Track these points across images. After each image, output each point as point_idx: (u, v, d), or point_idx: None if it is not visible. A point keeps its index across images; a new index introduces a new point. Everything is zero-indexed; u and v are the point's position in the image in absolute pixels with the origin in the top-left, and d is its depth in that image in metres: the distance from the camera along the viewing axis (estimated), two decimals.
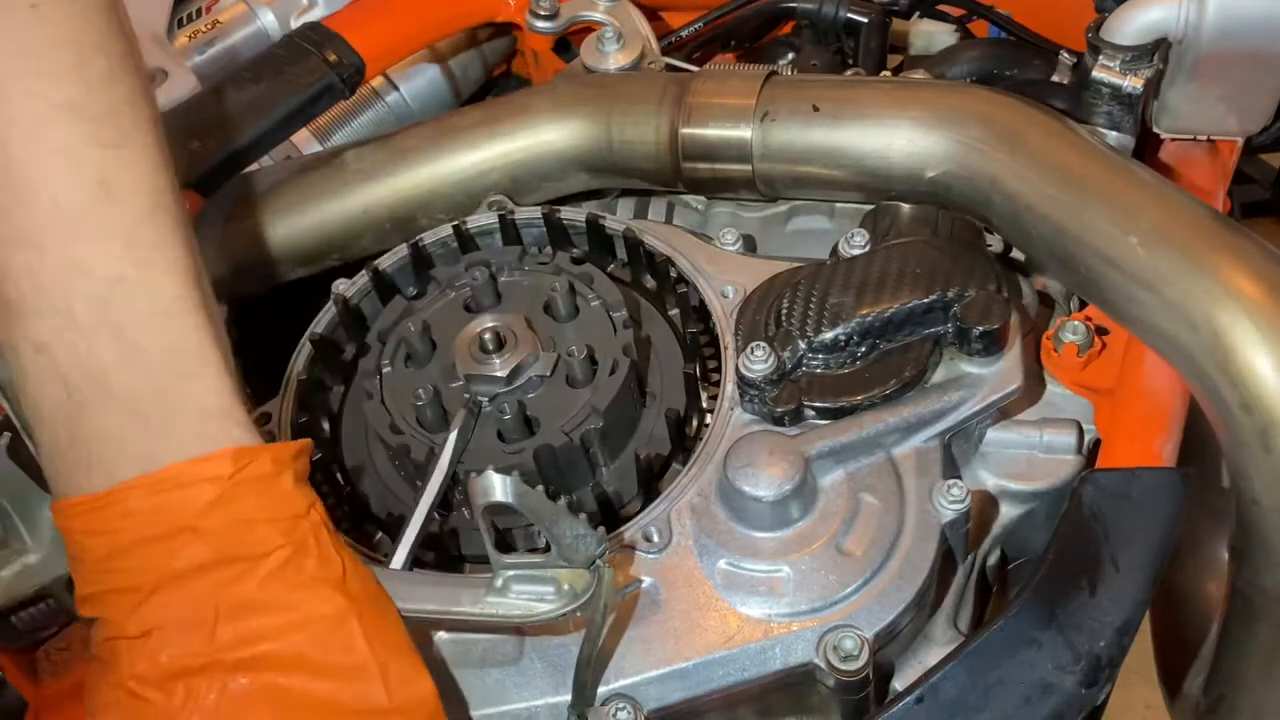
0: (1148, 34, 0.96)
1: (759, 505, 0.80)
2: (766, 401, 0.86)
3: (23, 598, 0.84)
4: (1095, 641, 0.76)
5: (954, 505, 0.82)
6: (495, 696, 0.78)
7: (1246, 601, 0.86)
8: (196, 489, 0.66)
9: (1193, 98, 0.99)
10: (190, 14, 1.27)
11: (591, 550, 0.75)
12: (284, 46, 1.12)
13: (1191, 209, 0.83)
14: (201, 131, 1.04)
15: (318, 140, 1.27)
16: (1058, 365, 0.91)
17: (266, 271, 1.07)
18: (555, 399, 0.87)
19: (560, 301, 0.91)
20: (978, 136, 0.91)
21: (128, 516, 0.65)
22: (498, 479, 0.70)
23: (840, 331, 0.87)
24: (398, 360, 0.91)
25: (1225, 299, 0.77)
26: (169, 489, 0.66)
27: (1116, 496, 0.81)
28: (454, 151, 1.06)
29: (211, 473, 0.66)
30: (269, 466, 0.68)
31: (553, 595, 0.76)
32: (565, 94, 1.07)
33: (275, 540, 0.67)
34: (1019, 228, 0.89)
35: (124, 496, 0.65)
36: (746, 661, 0.78)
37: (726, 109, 1.00)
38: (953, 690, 0.76)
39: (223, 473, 0.66)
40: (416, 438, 0.86)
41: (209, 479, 0.66)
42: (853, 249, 0.93)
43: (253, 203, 1.07)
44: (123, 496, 0.65)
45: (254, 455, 0.68)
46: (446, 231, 1.00)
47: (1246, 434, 0.77)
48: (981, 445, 0.89)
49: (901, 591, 0.79)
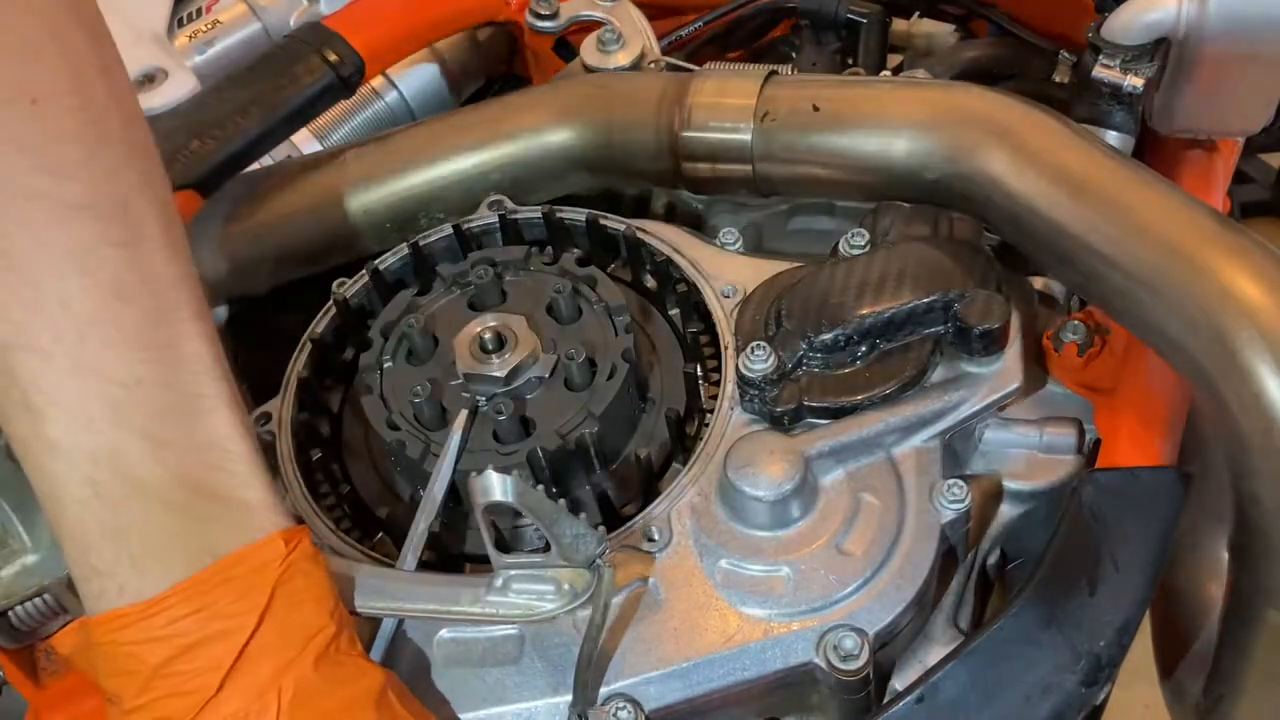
0: (1148, 34, 0.95)
1: (759, 505, 0.80)
2: (766, 401, 0.86)
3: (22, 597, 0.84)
4: (1095, 641, 0.76)
5: (954, 505, 0.82)
6: (495, 696, 0.78)
7: (1246, 601, 0.86)
8: (244, 581, 0.66)
9: (1193, 97, 0.99)
10: (190, 14, 1.27)
11: (591, 550, 0.75)
12: (284, 46, 1.12)
13: (1192, 209, 0.83)
14: (201, 131, 1.03)
15: (318, 140, 1.27)
16: (1058, 365, 0.91)
17: (266, 271, 1.07)
18: (553, 401, 0.86)
19: (563, 303, 0.91)
20: (978, 136, 0.91)
21: (182, 619, 0.64)
22: (497, 479, 0.70)
23: (840, 331, 0.87)
24: (399, 356, 0.91)
25: (1225, 299, 0.77)
26: (217, 585, 0.65)
27: (1116, 496, 0.81)
28: (454, 151, 1.06)
29: (258, 561, 0.67)
30: (310, 549, 0.69)
31: (553, 595, 0.76)
32: (565, 94, 1.07)
33: (323, 620, 0.68)
34: (1019, 228, 0.89)
35: (175, 600, 0.65)
36: (746, 661, 0.78)
37: (726, 109, 1.00)
38: (953, 690, 0.76)
39: (273, 558, 0.67)
40: (413, 434, 0.85)
41: (256, 569, 0.66)
42: (853, 249, 0.93)
43: (253, 203, 1.07)
44: (175, 600, 0.65)
45: (300, 537, 0.69)
46: (447, 231, 1.00)
47: (1246, 434, 0.77)
48: (981, 445, 0.89)
49: (901, 591, 0.79)
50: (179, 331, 0.68)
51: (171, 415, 0.67)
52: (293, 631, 0.67)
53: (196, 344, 0.69)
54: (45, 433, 0.65)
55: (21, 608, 0.84)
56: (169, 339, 0.67)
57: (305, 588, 0.68)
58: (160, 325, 0.67)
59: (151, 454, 0.65)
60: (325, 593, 0.69)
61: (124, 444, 0.65)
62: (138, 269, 0.67)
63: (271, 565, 0.67)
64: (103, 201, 0.66)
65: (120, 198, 0.67)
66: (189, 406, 0.67)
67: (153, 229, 0.68)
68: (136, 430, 0.65)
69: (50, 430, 0.65)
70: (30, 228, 0.64)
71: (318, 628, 0.68)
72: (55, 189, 0.64)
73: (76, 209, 0.65)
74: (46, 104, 0.64)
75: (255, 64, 1.10)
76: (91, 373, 0.65)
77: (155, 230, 0.68)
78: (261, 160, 1.10)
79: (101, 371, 0.65)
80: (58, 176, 0.64)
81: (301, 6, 1.27)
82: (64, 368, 0.64)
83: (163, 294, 0.68)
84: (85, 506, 0.65)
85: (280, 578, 0.66)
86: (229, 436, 0.69)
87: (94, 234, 0.65)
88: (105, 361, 0.65)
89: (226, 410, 0.69)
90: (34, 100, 0.64)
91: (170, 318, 0.68)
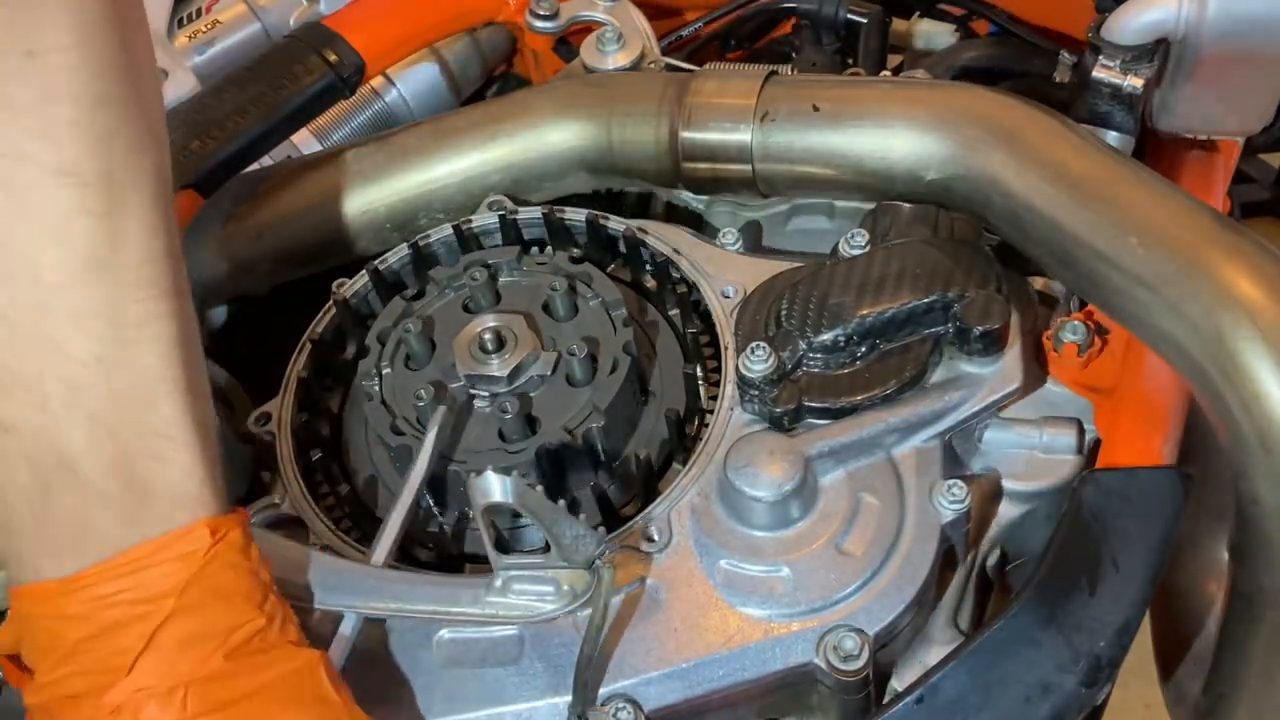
0: (1148, 34, 0.95)
1: (759, 505, 0.80)
2: (766, 401, 0.86)
3: None
4: (1095, 641, 0.76)
5: (954, 505, 0.82)
6: (495, 696, 0.78)
7: (1246, 601, 0.86)
8: (165, 568, 0.65)
9: (1193, 98, 0.99)
10: (190, 14, 1.27)
11: (591, 550, 0.75)
12: (284, 46, 1.12)
13: (1191, 209, 0.83)
14: (201, 131, 1.03)
15: (318, 140, 1.27)
16: (1058, 365, 0.91)
17: (266, 271, 1.07)
18: (556, 398, 0.87)
19: (559, 301, 0.91)
20: (978, 136, 0.91)
21: (99, 600, 0.63)
22: (497, 479, 0.70)
23: (840, 331, 0.87)
24: (397, 361, 0.91)
25: (1225, 299, 0.77)
26: (138, 570, 0.64)
27: (1116, 496, 0.81)
28: (454, 151, 1.06)
29: (182, 550, 0.65)
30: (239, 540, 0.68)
31: (553, 595, 0.76)
32: (565, 94, 1.07)
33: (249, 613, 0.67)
34: (1019, 228, 0.89)
35: (94, 580, 0.64)
36: (746, 661, 0.78)
37: (726, 109, 1.00)
38: (953, 690, 0.76)
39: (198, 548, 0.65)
40: (419, 439, 0.86)
41: (178, 558, 0.65)
42: (853, 249, 0.93)
43: (253, 203, 1.07)
44: (93, 580, 0.64)
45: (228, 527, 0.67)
46: (447, 231, 1.00)
47: (1246, 434, 0.77)
48: (981, 445, 0.89)
49: (901, 591, 0.79)
50: (149, 310, 0.66)
51: (123, 399, 0.65)
52: (212, 621, 0.65)
53: (164, 324, 0.66)
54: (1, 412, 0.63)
55: None
56: (137, 317, 0.65)
57: (231, 579, 0.66)
58: (130, 302, 0.65)
59: (94, 440, 0.64)
60: (252, 586, 0.67)
61: (70, 427, 0.63)
62: (113, 240, 0.64)
63: (196, 554, 0.65)
64: (87, 168, 0.63)
65: (107, 164, 0.63)
66: (143, 391, 0.66)
67: (137, 199, 0.65)
68: (86, 412, 0.64)
69: (5, 406, 0.63)
70: (8, 190, 0.61)
71: (242, 620, 0.66)
72: (40, 151, 0.61)
73: (59, 174, 0.62)
74: (43, 58, 0.61)
75: (255, 64, 1.10)
76: (54, 347, 0.63)
77: (139, 200, 0.65)
78: (261, 160, 1.10)
79: (64, 347, 0.63)
80: (44, 138, 0.61)
81: (301, 6, 1.27)
82: (28, 339, 0.62)
83: (137, 268, 0.65)
84: (21, 493, 0.64)
85: (202, 569, 0.65)
86: (177, 424, 0.67)
87: (73, 201, 0.62)
88: (69, 336, 0.63)
89: (180, 397, 0.67)
90: (29, 52, 0.60)
91: (141, 294, 0.65)
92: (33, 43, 0.60)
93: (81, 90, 0.62)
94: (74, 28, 0.62)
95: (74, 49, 0.62)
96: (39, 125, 0.61)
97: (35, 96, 0.61)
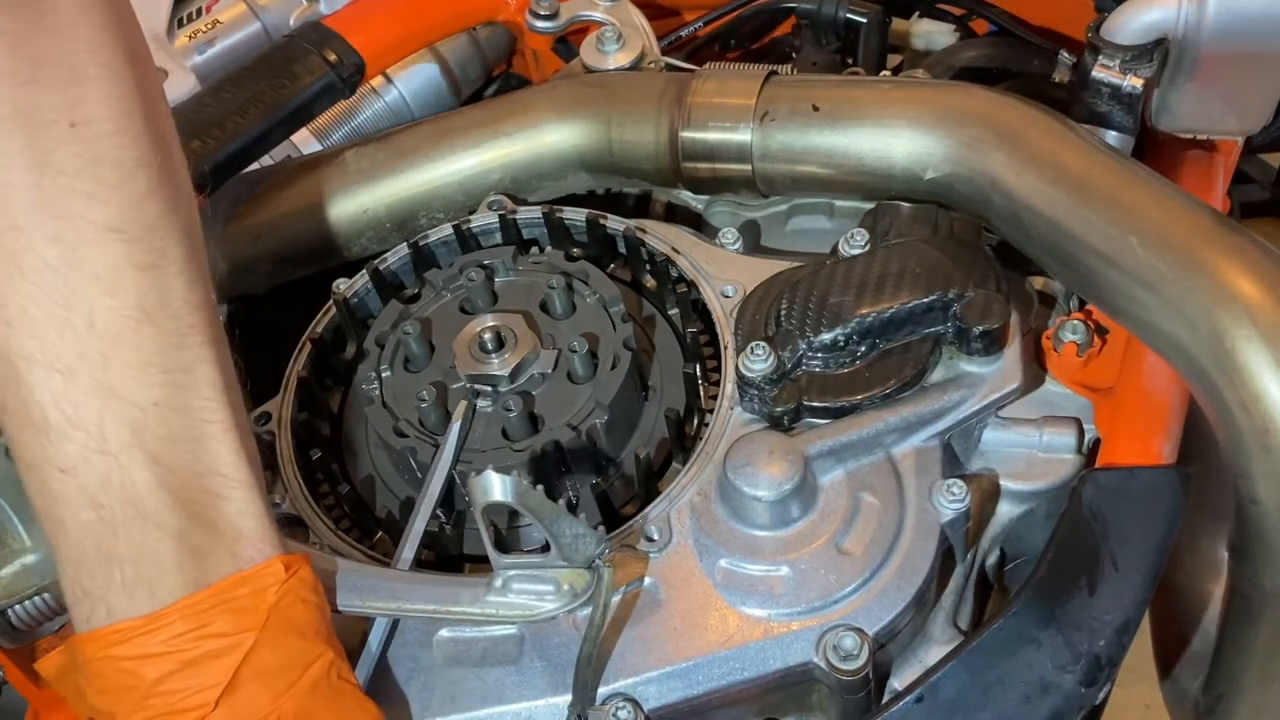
0: (1147, 34, 0.95)
1: (759, 505, 0.80)
2: (766, 401, 0.86)
3: (22, 597, 0.84)
4: (1095, 641, 0.76)
5: (954, 504, 0.82)
6: (495, 696, 0.78)
7: (1246, 601, 0.86)
8: (244, 603, 0.67)
9: (1193, 97, 0.99)
10: (190, 14, 1.27)
11: (591, 550, 0.75)
12: (284, 46, 1.12)
13: (1191, 209, 0.83)
14: (201, 131, 1.03)
15: (318, 140, 1.27)
16: (1058, 365, 0.91)
17: (266, 271, 1.07)
18: (558, 395, 0.87)
19: (557, 299, 0.91)
20: (977, 136, 0.91)
21: (181, 636, 0.65)
22: (497, 479, 0.70)
23: (840, 331, 0.87)
24: (396, 364, 0.91)
25: (1225, 299, 0.77)
26: (217, 605, 0.66)
27: (1116, 496, 0.81)
28: (454, 151, 1.06)
29: (258, 585, 0.67)
30: (309, 577, 0.70)
31: (552, 595, 0.76)
32: (565, 94, 1.07)
33: (320, 647, 0.69)
34: (1019, 228, 0.89)
35: (175, 616, 0.65)
36: (746, 661, 0.78)
37: (726, 109, 1.00)
38: (953, 690, 0.76)
39: (272, 583, 0.68)
40: (422, 440, 0.86)
41: (255, 593, 0.67)
42: (853, 249, 0.93)
43: (253, 203, 1.07)
44: (175, 616, 0.65)
45: (300, 564, 0.70)
46: (447, 231, 1.00)
47: (1246, 434, 0.77)
48: (981, 445, 0.89)
49: (901, 591, 0.79)
50: (195, 355, 0.69)
51: (181, 440, 0.68)
52: (291, 655, 0.67)
53: (210, 369, 0.70)
54: (58, 453, 0.65)
55: (21, 607, 0.84)
56: (185, 363, 0.69)
57: (304, 614, 0.69)
58: (179, 349, 0.68)
59: (157, 480, 0.66)
60: (321, 620, 0.70)
61: (133, 468, 0.66)
62: (160, 292, 0.68)
63: (270, 589, 0.67)
64: (132, 224, 0.67)
65: (148, 221, 0.68)
66: (197, 432, 0.68)
67: (176, 253, 0.69)
68: (147, 455, 0.66)
69: (64, 449, 0.65)
70: (61, 247, 0.65)
71: (316, 654, 0.68)
72: (88, 210, 0.66)
73: (107, 230, 0.66)
74: (85, 127, 0.66)
75: (255, 64, 1.10)
76: (112, 394, 0.66)
77: (179, 254, 0.69)
78: (261, 160, 1.10)
79: (122, 393, 0.66)
80: (91, 198, 0.66)
81: (301, 6, 1.27)
82: (86, 387, 0.65)
83: (182, 317, 0.69)
84: (86, 529, 0.66)
85: (278, 602, 0.67)
86: (232, 464, 0.69)
87: (121, 256, 0.67)
88: (126, 383, 0.66)
89: (232, 436, 0.70)
90: (73, 124, 0.65)
91: (188, 341, 0.69)
92: (76, 115, 0.66)
93: (121, 155, 0.67)
94: (111, 100, 0.67)
95: (112, 119, 0.67)
96: (86, 187, 0.66)
97: (81, 162, 0.66)
